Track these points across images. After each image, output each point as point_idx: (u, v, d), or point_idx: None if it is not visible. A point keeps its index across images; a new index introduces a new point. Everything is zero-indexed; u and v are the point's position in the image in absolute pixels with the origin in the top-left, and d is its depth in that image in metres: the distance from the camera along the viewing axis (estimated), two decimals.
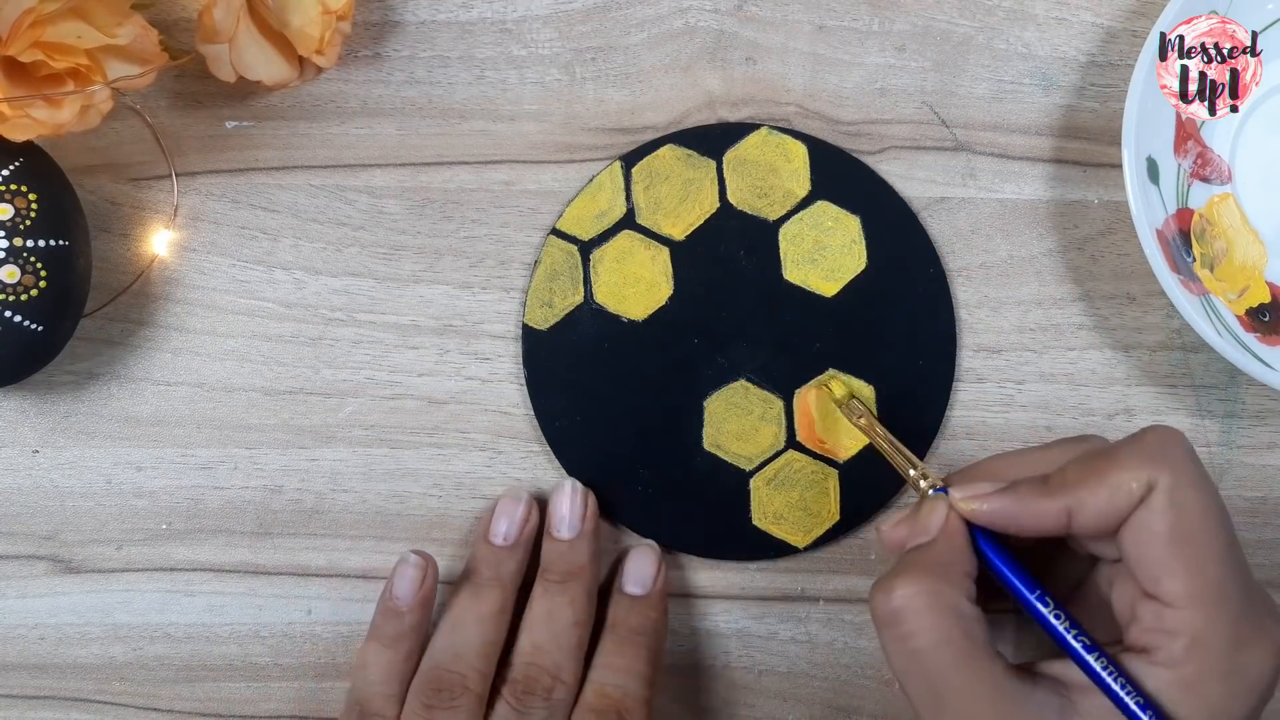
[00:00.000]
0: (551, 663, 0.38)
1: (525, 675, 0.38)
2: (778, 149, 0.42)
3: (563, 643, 0.38)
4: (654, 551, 0.41)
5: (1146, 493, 0.31)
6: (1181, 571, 0.30)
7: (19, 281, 0.37)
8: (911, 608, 0.31)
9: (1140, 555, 0.31)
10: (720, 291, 0.42)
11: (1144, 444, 0.32)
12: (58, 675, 0.41)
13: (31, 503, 0.42)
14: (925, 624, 0.31)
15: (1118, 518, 0.31)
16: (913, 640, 0.31)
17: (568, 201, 0.42)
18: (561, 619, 0.38)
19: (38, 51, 0.35)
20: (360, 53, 0.43)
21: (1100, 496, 0.31)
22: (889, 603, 0.32)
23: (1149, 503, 0.31)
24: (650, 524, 0.41)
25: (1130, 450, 0.32)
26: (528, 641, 0.38)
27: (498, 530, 0.40)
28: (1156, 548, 0.30)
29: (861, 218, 0.42)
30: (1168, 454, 0.31)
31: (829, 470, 0.41)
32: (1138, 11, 0.43)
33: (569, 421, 0.41)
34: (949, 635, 0.31)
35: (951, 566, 0.32)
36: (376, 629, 0.39)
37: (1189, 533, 0.30)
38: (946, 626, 0.31)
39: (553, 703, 0.37)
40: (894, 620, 0.31)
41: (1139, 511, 0.31)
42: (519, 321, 0.42)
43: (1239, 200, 0.42)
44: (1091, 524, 0.32)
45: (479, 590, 0.39)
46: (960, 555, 0.33)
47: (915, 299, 0.42)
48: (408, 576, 0.39)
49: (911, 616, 0.31)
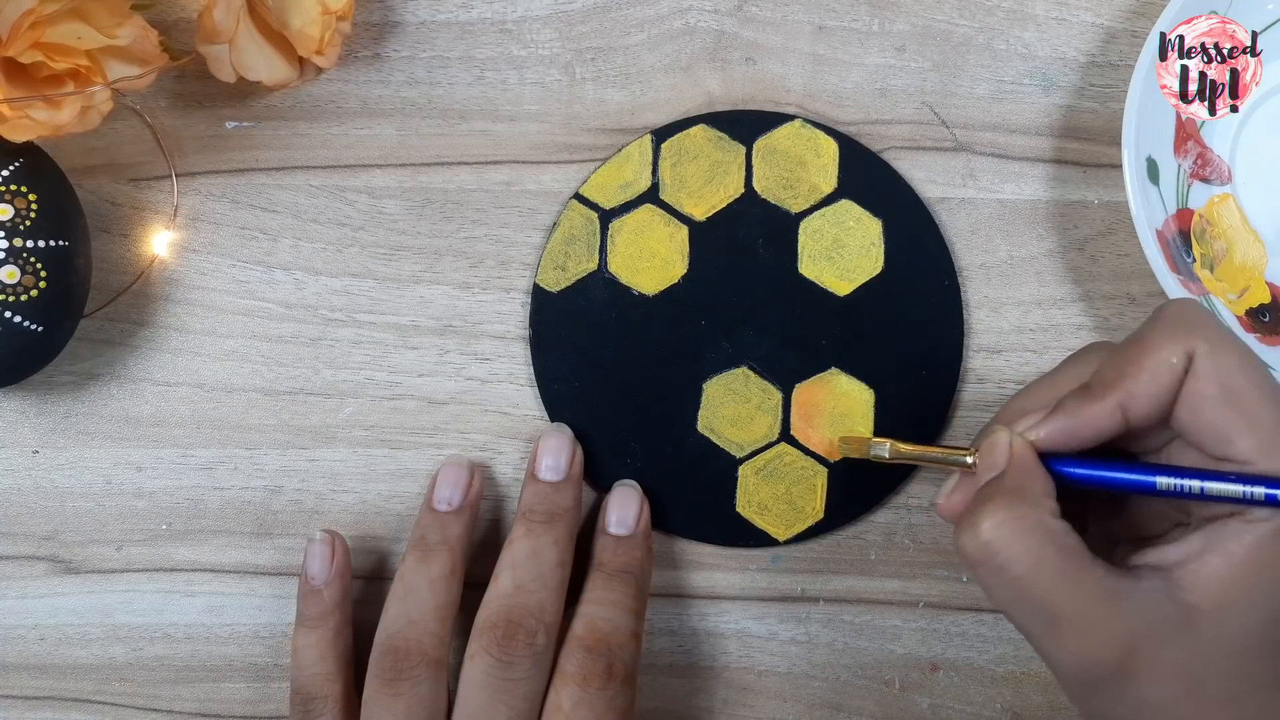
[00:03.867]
0: (535, 603, 0.37)
1: (506, 618, 0.37)
2: (809, 143, 0.42)
3: (548, 582, 0.38)
4: (635, 491, 0.40)
5: (1187, 363, 0.31)
6: (1245, 427, 0.30)
7: (19, 282, 0.37)
8: (1001, 537, 0.31)
9: (1201, 424, 0.31)
10: (734, 277, 0.42)
11: (1166, 319, 0.32)
12: (58, 675, 0.41)
13: (31, 503, 0.42)
14: (1019, 550, 0.31)
15: (1168, 396, 0.31)
16: (1011, 569, 0.31)
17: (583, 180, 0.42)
18: (546, 558, 0.38)
19: (38, 52, 0.35)
20: (360, 53, 0.43)
21: (1145, 382, 0.31)
22: (978, 538, 0.31)
23: (1194, 371, 0.31)
24: None
25: (1157, 329, 0.32)
26: (510, 581, 0.38)
27: (440, 496, 0.40)
28: (1214, 412, 0.31)
29: (884, 221, 0.42)
30: (1193, 321, 0.31)
31: (819, 468, 0.41)
32: (1138, 11, 0.43)
33: (567, 386, 0.41)
34: (1044, 555, 0.31)
35: (1029, 488, 0.32)
36: (300, 614, 0.39)
37: (1239, 388, 0.31)
38: (1040, 547, 0.31)
39: (535, 649, 0.37)
40: (988, 554, 0.31)
41: (1188, 383, 0.31)
42: (520, 322, 0.42)
43: (1239, 200, 0.42)
44: (1146, 411, 0.32)
45: (427, 555, 0.38)
46: (1034, 476, 0.33)
47: (926, 309, 0.42)
48: (317, 554, 0.39)
49: (1004, 546, 0.31)
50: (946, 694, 0.42)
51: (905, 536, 0.42)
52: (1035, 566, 0.31)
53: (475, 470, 0.40)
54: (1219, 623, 0.30)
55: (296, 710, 0.38)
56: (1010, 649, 0.41)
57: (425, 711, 0.36)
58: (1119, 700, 0.31)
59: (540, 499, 0.39)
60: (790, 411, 0.41)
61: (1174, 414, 0.32)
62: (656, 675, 0.42)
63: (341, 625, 0.39)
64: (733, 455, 0.41)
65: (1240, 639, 0.30)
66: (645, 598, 0.39)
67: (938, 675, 0.42)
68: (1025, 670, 0.42)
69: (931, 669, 0.42)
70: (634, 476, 0.41)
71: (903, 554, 0.42)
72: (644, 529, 0.40)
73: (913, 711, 0.41)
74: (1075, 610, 0.31)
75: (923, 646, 0.42)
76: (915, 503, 0.42)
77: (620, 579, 0.39)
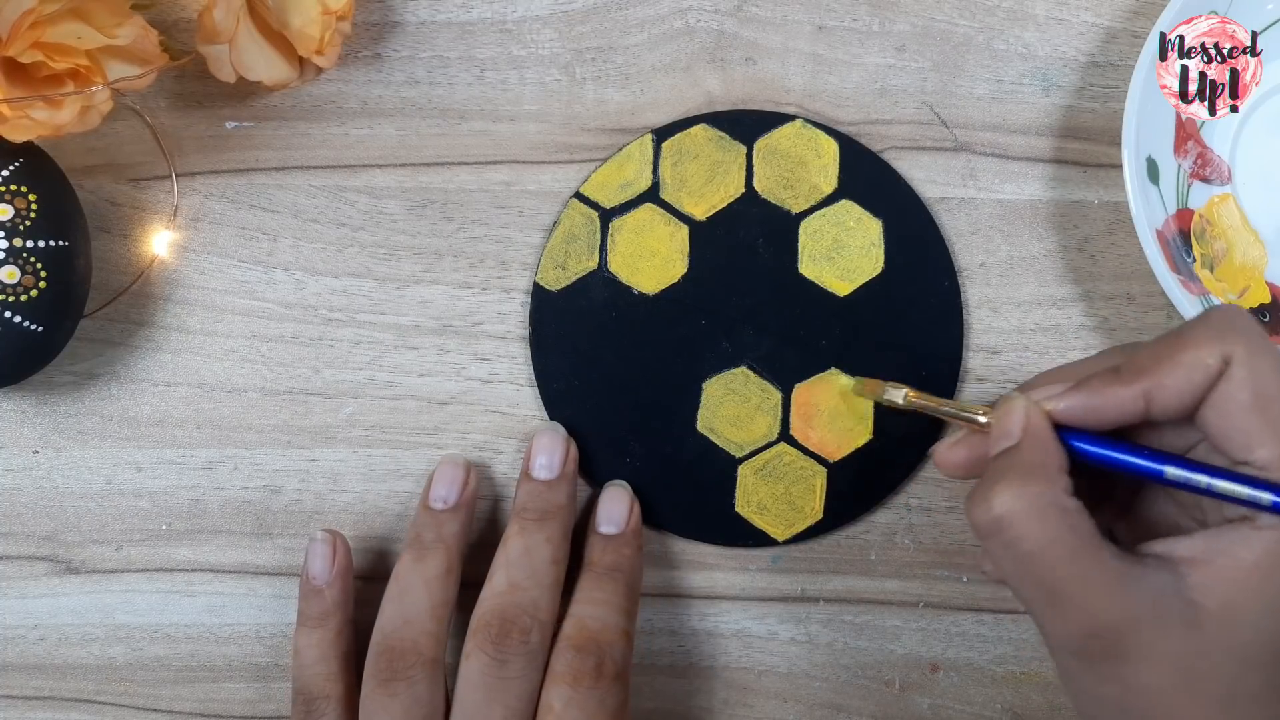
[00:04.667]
0: (529, 600, 0.37)
1: (501, 616, 0.37)
2: (810, 143, 0.42)
3: (541, 580, 0.38)
4: (625, 490, 0.41)
5: (1223, 366, 0.31)
6: (1270, 435, 0.30)
7: (19, 282, 0.37)
8: (1013, 513, 0.31)
9: (1227, 428, 0.31)
10: (734, 276, 0.42)
11: (1211, 322, 0.32)
12: (58, 675, 0.41)
13: (31, 503, 0.42)
14: (1031, 527, 0.31)
15: (1196, 395, 0.31)
16: (1021, 545, 0.31)
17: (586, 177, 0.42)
18: (540, 556, 0.38)
19: (38, 52, 0.35)
20: (360, 53, 0.43)
21: (1178, 375, 0.31)
22: (990, 512, 0.31)
23: (1229, 375, 0.31)
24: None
25: (1200, 329, 0.32)
26: (504, 579, 0.38)
27: (436, 495, 0.40)
28: (1242, 417, 0.31)
29: (884, 222, 0.42)
30: (1237, 327, 0.31)
31: (818, 468, 0.41)
32: (1138, 11, 0.43)
33: (566, 385, 0.41)
34: (1056, 533, 0.31)
35: (1044, 464, 0.32)
36: (301, 614, 0.39)
37: (1271, 396, 0.30)
38: (1052, 525, 0.31)
39: (530, 647, 0.37)
40: (998, 529, 0.31)
41: (1220, 385, 0.31)
42: (520, 321, 0.42)
43: (1239, 200, 0.42)
44: (1171, 404, 0.31)
45: (423, 554, 0.38)
46: (1050, 451, 0.32)
47: (927, 310, 0.42)
48: (319, 553, 0.39)
49: (1015, 522, 0.31)
50: (946, 694, 0.42)
51: (905, 536, 0.42)
52: (1044, 544, 0.31)
53: (471, 469, 0.40)
54: (1222, 625, 0.30)
55: (298, 710, 0.38)
56: (1010, 649, 0.41)
57: (422, 711, 0.36)
58: (1109, 680, 0.31)
59: (533, 497, 0.39)
60: (790, 411, 0.41)
61: (1202, 415, 0.31)
62: (656, 675, 0.42)
63: (343, 625, 0.39)
64: (732, 455, 0.41)
65: (1242, 645, 0.30)
66: (636, 596, 0.39)
67: (938, 675, 0.42)
68: (1025, 670, 0.42)
69: (931, 669, 0.42)
70: (633, 476, 0.41)
71: (903, 554, 0.42)
72: (634, 528, 0.40)
73: (913, 711, 0.41)
74: (1080, 589, 0.31)
75: (923, 646, 0.42)
76: (915, 503, 0.42)
77: (610, 578, 0.39)
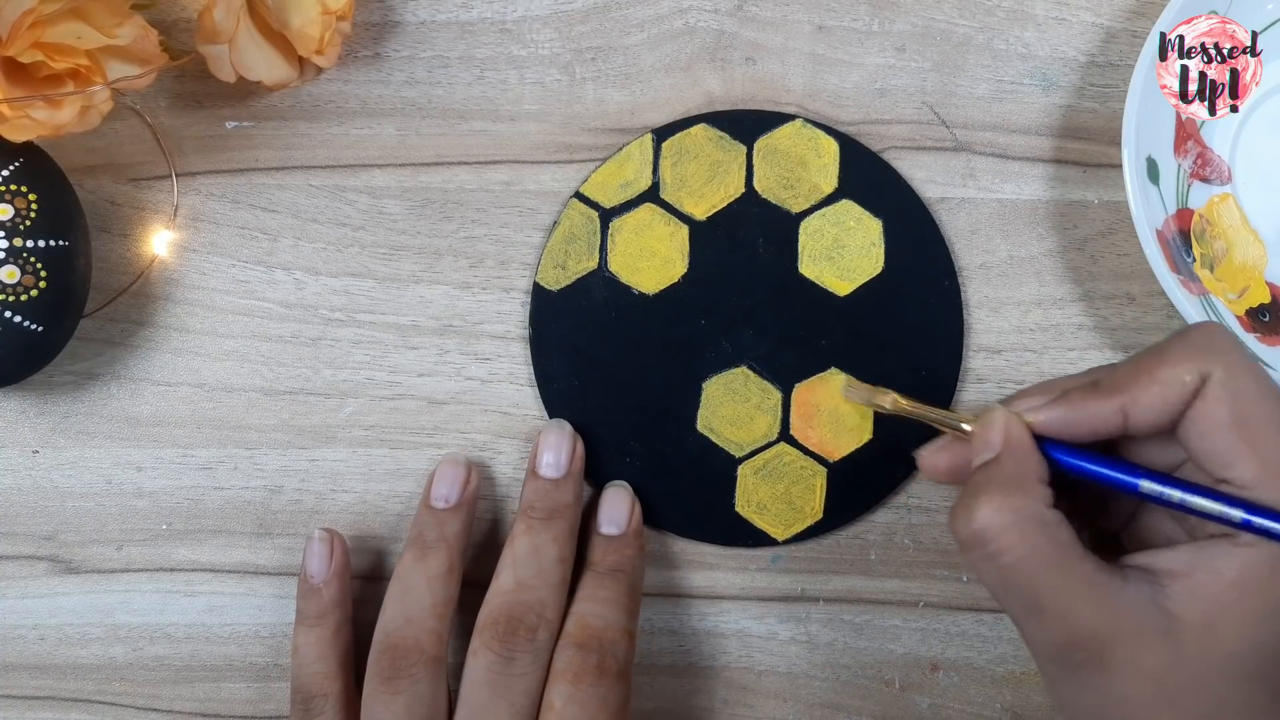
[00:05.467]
0: (536, 599, 0.37)
1: (508, 614, 0.37)
2: (810, 143, 0.42)
3: (548, 578, 0.38)
4: (626, 491, 0.41)
5: (1200, 384, 0.31)
6: (1249, 454, 0.30)
7: (19, 282, 0.37)
8: (995, 526, 0.31)
9: (1205, 446, 0.31)
10: (734, 276, 0.42)
11: (1191, 339, 0.32)
12: (58, 675, 0.41)
13: (31, 503, 0.42)
14: (1012, 540, 0.31)
15: (1173, 412, 0.31)
16: (1002, 557, 0.31)
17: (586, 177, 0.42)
18: (547, 555, 0.38)
19: (38, 52, 0.35)
20: (360, 53, 0.43)
21: (1154, 392, 0.31)
22: (971, 525, 0.31)
23: (1206, 393, 0.31)
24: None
25: (1179, 345, 0.32)
26: (511, 578, 0.38)
27: (438, 494, 0.40)
28: (1220, 435, 0.31)
29: (884, 222, 0.42)
30: (1216, 345, 0.31)
31: (818, 468, 0.41)
32: (1138, 11, 0.43)
33: (567, 385, 0.41)
34: (1036, 546, 0.31)
35: (1025, 477, 0.32)
36: (300, 613, 0.39)
37: (1249, 416, 0.31)
38: (1033, 538, 0.31)
39: (536, 645, 0.37)
40: (979, 541, 0.31)
41: (1198, 403, 0.31)
42: (520, 321, 0.42)
43: (1239, 200, 0.42)
44: (1147, 420, 0.32)
45: (425, 552, 0.38)
46: (1030, 464, 0.33)
47: (927, 310, 0.42)
48: (316, 552, 0.39)
49: (997, 535, 0.31)
50: (946, 694, 0.42)
51: (905, 536, 0.42)
52: (1025, 557, 0.31)
53: (472, 467, 0.40)
54: (1200, 638, 0.30)
55: (297, 708, 0.38)
56: (1010, 649, 0.41)
57: (425, 709, 0.36)
58: (1089, 689, 0.31)
59: (540, 495, 0.39)
60: (790, 411, 0.41)
61: (1183, 431, 0.32)
62: (656, 675, 0.42)
63: (341, 623, 0.39)
64: (732, 455, 0.41)
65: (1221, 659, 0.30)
66: (638, 595, 0.39)
67: (938, 675, 0.42)
68: (1025, 670, 0.42)
69: (931, 669, 0.42)
70: (633, 476, 0.41)
71: (903, 554, 0.42)
72: (635, 528, 0.40)
73: (913, 711, 0.41)
74: (1059, 599, 0.31)
75: (923, 646, 0.42)
76: (915, 503, 0.42)
77: (612, 577, 0.39)
